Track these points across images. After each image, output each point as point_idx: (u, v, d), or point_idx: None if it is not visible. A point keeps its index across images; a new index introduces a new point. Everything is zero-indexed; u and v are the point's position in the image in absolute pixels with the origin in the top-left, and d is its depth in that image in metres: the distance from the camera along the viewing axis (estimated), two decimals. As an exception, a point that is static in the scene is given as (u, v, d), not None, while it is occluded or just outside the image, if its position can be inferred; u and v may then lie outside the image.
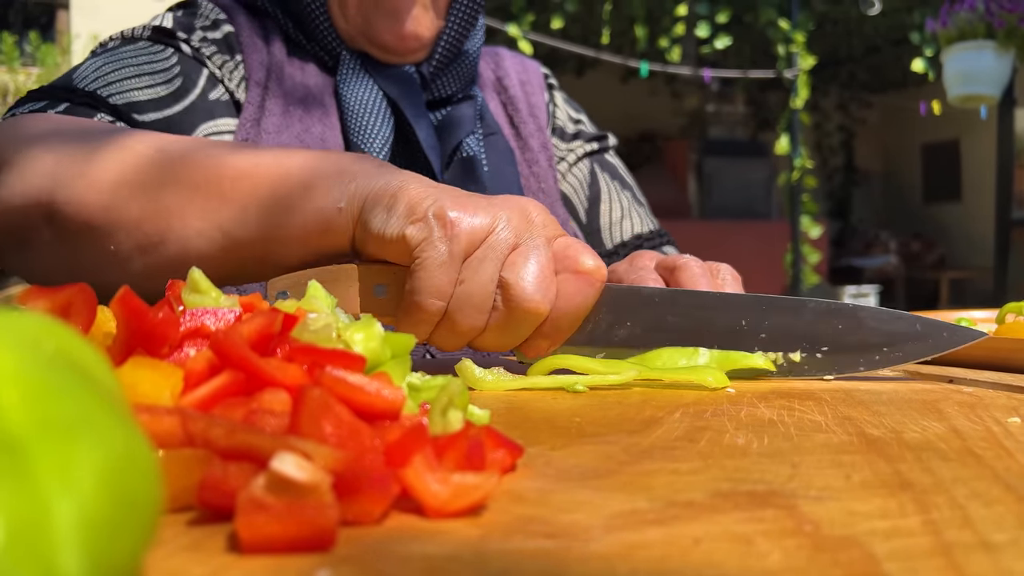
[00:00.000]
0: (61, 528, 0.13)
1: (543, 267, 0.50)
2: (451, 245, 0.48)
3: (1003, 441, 0.33)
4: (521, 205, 0.51)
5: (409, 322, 0.50)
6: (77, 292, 0.29)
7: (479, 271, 0.49)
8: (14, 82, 3.96)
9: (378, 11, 0.81)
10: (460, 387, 0.28)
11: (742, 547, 0.21)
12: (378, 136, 0.78)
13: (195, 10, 0.81)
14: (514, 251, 0.50)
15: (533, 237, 0.50)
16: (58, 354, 0.16)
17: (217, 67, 0.77)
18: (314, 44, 0.83)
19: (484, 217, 0.49)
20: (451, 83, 0.86)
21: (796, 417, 0.39)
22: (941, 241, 8.50)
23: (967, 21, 3.22)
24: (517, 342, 0.52)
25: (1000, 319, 0.74)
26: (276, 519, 0.20)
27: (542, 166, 0.91)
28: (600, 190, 0.95)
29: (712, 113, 7.81)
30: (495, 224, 0.49)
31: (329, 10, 0.82)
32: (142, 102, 0.71)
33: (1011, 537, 0.22)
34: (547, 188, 0.90)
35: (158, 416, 0.24)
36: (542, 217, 0.52)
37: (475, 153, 0.82)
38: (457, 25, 0.85)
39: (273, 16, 0.83)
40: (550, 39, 5.00)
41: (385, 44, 0.82)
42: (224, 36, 0.79)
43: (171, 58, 0.76)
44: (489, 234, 0.49)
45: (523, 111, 0.94)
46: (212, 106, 0.75)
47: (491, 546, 0.21)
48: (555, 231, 0.52)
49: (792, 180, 5.04)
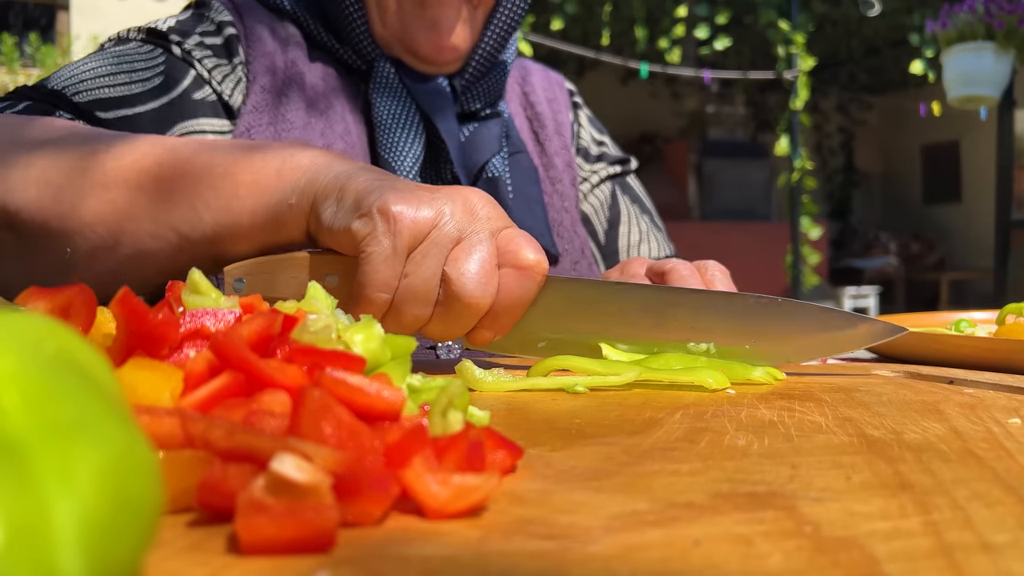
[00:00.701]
0: (61, 529, 0.13)
1: (484, 262, 0.51)
2: (395, 240, 0.49)
3: (1004, 442, 0.33)
4: (465, 197, 0.52)
5: (356, 312, 0.52)
6: (77, 293, 0.29)
7: (422, 265, 0.50)
8: (14, 83, 3.96)
9: (418, 21, 0.80)
10: (460, 388, 0.28)
11: (742, 548, 0.21)
12: (409, 153, 0.78)
13: (204, 12, 0.81)
14: (457, 245, 0.51)
15: (476, 231, 0.51)
16: (58, 355, 0.16)
17: (207, 69, 0.76)
18: (346, 48, 0.82)
19: (428, 211, 0.50)
20: (481, 97, 0.86)
21: (796, 418, 0.39)
22: (941, 242, 8.51)
23: (967, 22, 3.22)
24: (461, 333, 0.53)
25: (1000, 320, 0.74)
26: (276, 520, 0.20)
27: (565, 185, 0.91)
28: (620, 212, 0.96)
29: (712, 114, 7.82)
30: (439, 218, 0.50)
31: (368, 15, 0.81)
32: (111, 99, 0.71)
33: (1012, 538, 0.22)
34: (569, 207, 0.90)
35: (158, 417, 0.24)
36: (487, 209, 0.52)
37: (499, 174, 0.82)
38: (494, 40, 0.85)
39: (294, 16, 0.83)
40: (550, 40, 5.00)
41: (422, 54, 0.81)
42: (225, 40, 0.79)
43: (157, 57, 0.76)
44: (433, 228, 0.50)
45: (549, 128, 0.94)
46: (195, 105, 0.75)
47: (491, 547, 0.21)
48: (500, 223, 0.53)
49: (792, 181, 5.04)
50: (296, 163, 0.55)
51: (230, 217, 0.54)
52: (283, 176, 0.54)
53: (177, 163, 0.56)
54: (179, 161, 0.56)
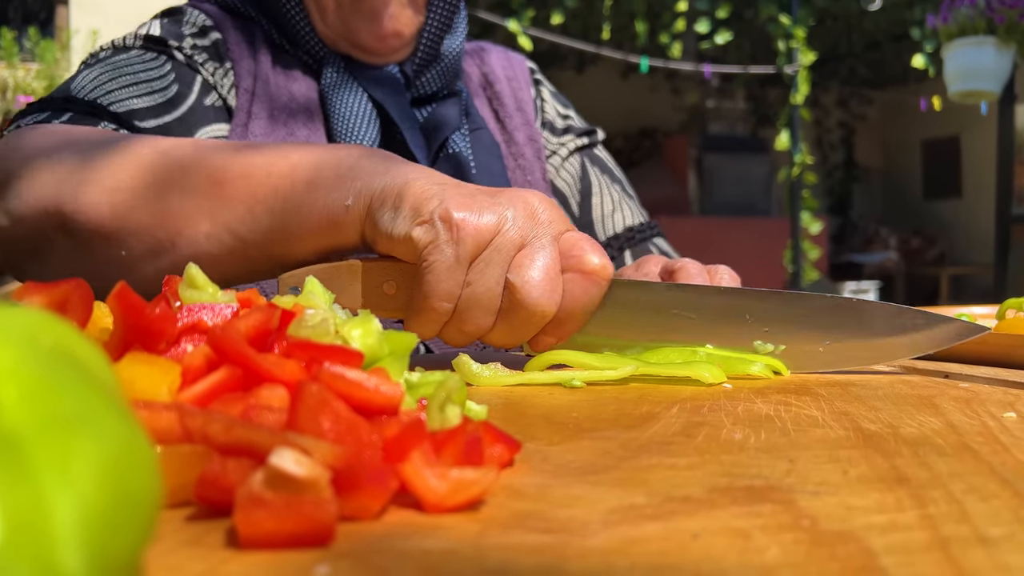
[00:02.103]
0: (60, 524, 0.13)
1: (548, 268, 0.50)
2: (458, 248, 0.48)
3: (999, 436, 0.33)
4: (527, 201, 0.51)
5: (417, 321, 0.51)
6: (73, 288, 0.29)
7: (485, 273, 0.49)
8: (13, 78, 3.95)
9: (356, 13, 0.81)
10: (458, 383, 0.28)
11: (740, 542, 0.21)
12: (365, 140, 0.78)
13: (181, 17, 0.81)
14: (520, 251, 0.50)
15: (539, 236, 0.50)
16: (56, 350, 0.16)
17: (210, 74, 0.77)
18: (297, 49, 0.83)
19: (490, 217, 0.49)
20: (435, 80, 0.86)
21: (793, 412, 0.39)
22: (941, 237, 8.50)
23: (967, 17, 3.22)
24: (524, 340, 0.52)
25: (1000, 315, 0.74)
26: (275, 515, 0.20)
27: (528, 159, 0.91)
28: (591, 184, 0.96)
29: (712, 109, 7.80)
30: (501, 224, 0.49)
31: (309, 15, 0.82)
32: (141, 110, 0.72)
33: (1007, 531, 0.22)
34: (534, 180, 0.90)
35: (156, 412, 0.24)
36: (548, 213, 0.51)
37: (461, 149, 0.83)
38: (438, 19, 0.85)
39: (258, 22, 0.84)
40: (550, 35, 4.99)
41: (366, 45, 0.82)
42: (213, 43, 0.79)
43: (165, 66, 0.76)
44: (496, 235, 0.49)
45: (509, 106, 0.94)
46: (207, 112, 0.75)
47: (489, 541, 0.21)
48: (561, 227, 0.52)
49: (792, 176, 5.04)
50: (350, 164, 0.54)
51: (285, 218, 0.54)
52: (340, 177, 0.53)
53: (234, 165, 0.56)
54: (237, 163, 0.56)
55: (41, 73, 4.07)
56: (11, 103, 3.81)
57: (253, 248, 0.55)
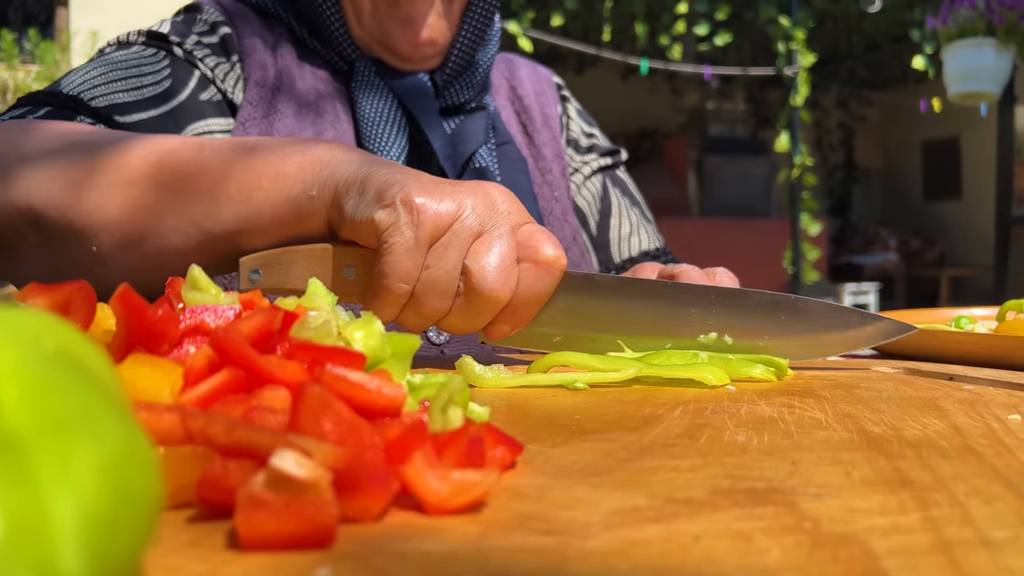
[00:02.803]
0: (61, 524, 0.13)
1: (505, 256, 0.52)
2: (417, 231, 0.50)
3: (1003, 438, 0.33)
4: (487, 191, 0.53)
5: (376, 303, 0.52)
6: (76, 289, 0.29)
7: (444, 257, 0.51)
8: (13, 79, 3.95)
9: (393, 19, 0.81)
10: (460, 384, 0.28)
11: (742, 544, 0.21)
12: (394, 146, 0.79)
13: (195, 15, 0.82)
14: (478, 239, 0.52)
15: (497, 225, 0.52)
16: (58, 351, 0.16)
17: (210, 68, 0.77)
18: (329, 50, 0.83)
19: (450, 204, 0.51)
20: (464, 90, 0.86)
21: (796, 414, 0.39)
22: (941, 239, 8.50)
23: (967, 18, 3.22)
24: (480, 326, 0.54)
25: (1000, 317, 0.74)
26: (276, 516, 0.20)
27: (555, 175, 0.92)
28: (611, 205, 0.97)
29: (712, 110, 7.80)
30: (460, 211, 0.51)
31: (345, 17, 0.82)
32: (126, 103, 0.72)
33: (1011, 534, 0.22)
34: (560, 196, 0.91)
35: (158, 413, 0.24)
36: (507, 204, 0.53)
37: (487, 164, 0.83)
38: (471, 32, 0.85)
39: (284, 20, 0.84)
40: (550, 36, 4.99)
41: (400, 51, 0.82)
42: (221, 39, 0.80)
43: (162, 60, 0.76)
44: (454, 221, 0.51)
45: (537, 120, 0.94)
46: (202, 106, 0.76)
47: (491, 543, 0.21)
48: (519, 218, 0.53)
49: (792, 177, 5.04)
50: (316, 156, 0.55)
51: (251, 210, 0.55)
52: (304, 168, 0.55)
53: (200, 159, 0.57)
54: (202, 157, 0.57)
55: (41, 74, 4.07)
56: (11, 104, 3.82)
57: (220, 241, 0.56)
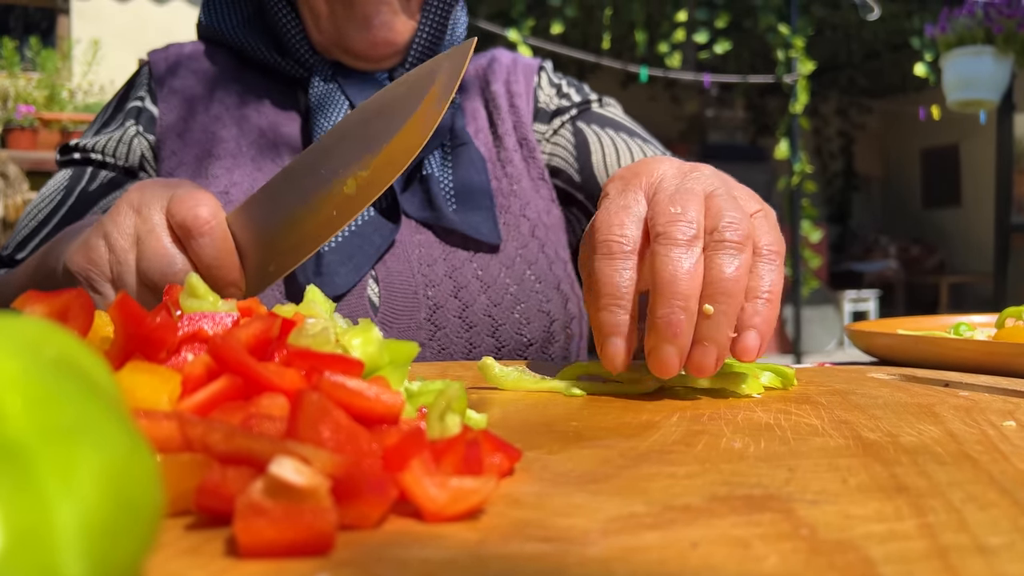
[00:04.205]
0: (63, 532, 0.13)
1: (154, 249, 0.56)
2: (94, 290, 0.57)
3: (999, 445, 0.33)
4: (129, 201, 0.57)
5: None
6: (74, 297, 0.29)
7: (122, 279, 0.56)
8: (14, 87, 3.96)
9: (349, 20, 0.82)
10: (458, 391, 0.28)
11: (739, 551, 0.21)
12: None
13: (125, 92, 0.89)
14: (137, 248, 0.56)
15: (142, 223, 0.56)
16: (59, 359, 0.16)
17: (99, 152, 0.84)
18: (288, 59, 0.85)
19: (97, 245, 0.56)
20: None
21: (793, 421, 0.39)
22: (941, 246, 8.51)
23: (966, 26, 3.23)
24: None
25: (1000, 324, 0.74)
26: (274, 523, 0.20)
27: (516, 165, 0.89)
28: (587, 141, 0.91)
29: (712, 118, 7.82)
30: (113, 241, 0.56)
31: (303, 23, 0.84)
32: (23, 239, 0.81)
33: (1006, 540, 0.22)
34: (519, 189, 0.88)
35: (156, 421, 0.24)
36: (140, 199, 0.57)
37: (433, 171, 0.83)
38: (429, 26, 0.86)
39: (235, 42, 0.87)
40: (550, 44, 5.00)
41: (358, 51, 0.83)
42: (127, 112, 0.86)
43: (64, 176, 0.84)
44: (111, 251, 0.56)
45: (503, 107, 0.92)
46: (92, 194, 0.82)
47: (489, 550, 0.21)
48: (157, 203, 0.57)
49: (792, 185, 5.05)
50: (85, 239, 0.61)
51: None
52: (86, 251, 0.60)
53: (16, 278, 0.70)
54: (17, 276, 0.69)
55: (42, 83, 4.08)
56: (12, 112, 3.82)
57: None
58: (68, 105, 4.13)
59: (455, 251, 0.80)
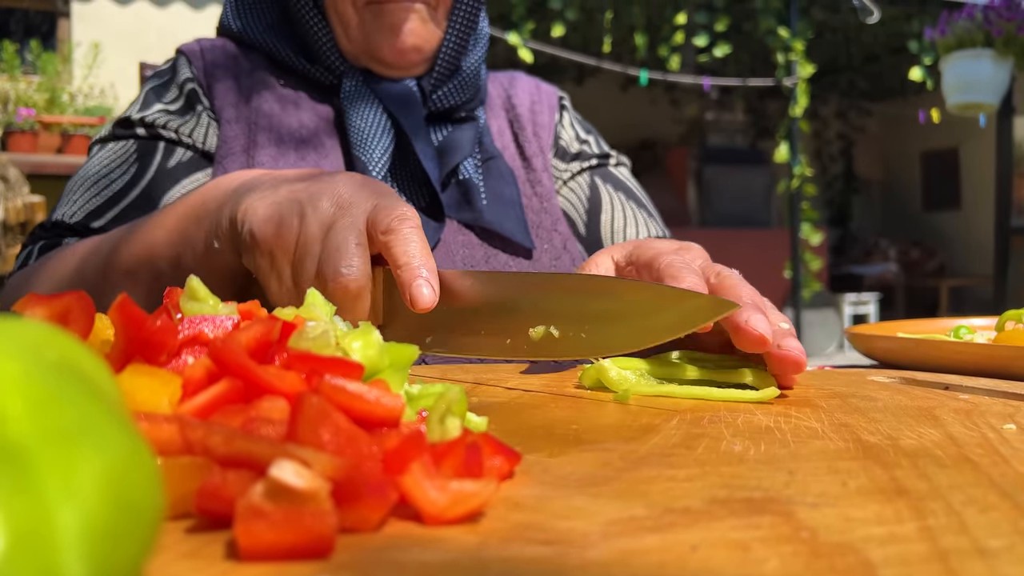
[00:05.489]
0: (64, 534, 0.13)
1: (343, 249, 0.54)
2: (271, 261, 0.55)
3: (999, 448, 0.33)
4: (332, 187, 0.56)
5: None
6: (75, 300, 0.29)
7: (302, 270, 0.54)
8: (15, 90, 3.96)
9: (378, 28, 0.84)
10: (458, 394, 0.28)
11: (739, 554, 0.21)
12: (377, 147, 0.82)
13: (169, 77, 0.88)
14: (326, 238, 0.54)
15: (340, 218, 0.55)
16: (60, 362, 0.16)
17: (174, 132, 0.83)
18: (317, 67, 0.86)
19: (290, 220, 0.54)
20: (451, 94, 0.88)
21: (793, 424, 0.39)
22: (941, 249, 8.51)
23: (965, 29, 3.23)
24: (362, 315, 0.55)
25: (1000, 327, 0.74)
26: (275, 526, 0.20)
27: (545, 186, 0.92)
28: (601, 200, 0.95)
29: (711, 121, 7.81)
30: (302, 222, 0.54)
31: (333, 31, 0.85)
32: (97, 208, 0.80)
33: (1007, 543, 0.22)
34: (549, 207, 0.91)
35: (157, 424, 0.24)
36: (351, 192, 0.55)
37: (470, 175, 0.84)
38: (456, 34, 0.88)
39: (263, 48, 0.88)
40: (550, 47, 5.01)
41: (386, 59, 0.85)
42: (187, 97, 0.85)
43: (128, 148, 0.83)
44: (299, 234, 0.54)
45: (528, 130, 0.95)
46: (173, 172, 0.81)
47: (489, 553, 0.21)
48: (366, 202, 0.55)
49: (792, 188, 5.05)
50: (206, 212, 0.60)
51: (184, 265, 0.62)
52: (204, 229, 0.60)
53: (122, 251, 0.66)
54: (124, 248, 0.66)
55: (42, 85, 4.08)
56: (12, 115, 3.82)
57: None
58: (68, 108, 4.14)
59: (497, 253, 0.82)
